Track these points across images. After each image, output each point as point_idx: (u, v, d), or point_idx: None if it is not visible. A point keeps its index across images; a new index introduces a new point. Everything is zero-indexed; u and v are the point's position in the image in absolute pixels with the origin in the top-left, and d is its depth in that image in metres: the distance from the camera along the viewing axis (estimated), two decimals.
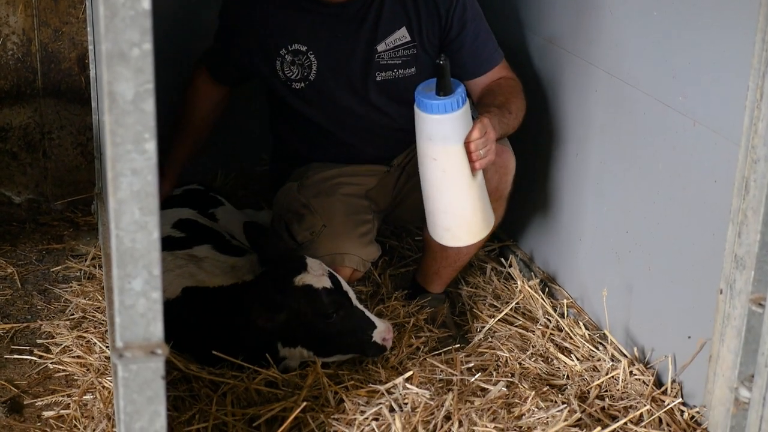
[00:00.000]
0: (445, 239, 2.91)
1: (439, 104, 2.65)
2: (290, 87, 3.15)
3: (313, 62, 3.09)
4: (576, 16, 3.11)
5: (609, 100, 2.95)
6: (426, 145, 2.73)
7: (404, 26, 3.10)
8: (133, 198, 1.61)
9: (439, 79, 2.65)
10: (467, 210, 2.82)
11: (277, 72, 3.13)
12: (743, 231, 2.23)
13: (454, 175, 2.74)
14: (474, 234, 2.88)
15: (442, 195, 2.80)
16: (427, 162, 2.76)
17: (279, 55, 3.11)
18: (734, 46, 2.34)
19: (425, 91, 2.70)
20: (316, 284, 2.77)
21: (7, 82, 3.79)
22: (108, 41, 1.54)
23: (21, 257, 3.60)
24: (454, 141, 2.70)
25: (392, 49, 3.11)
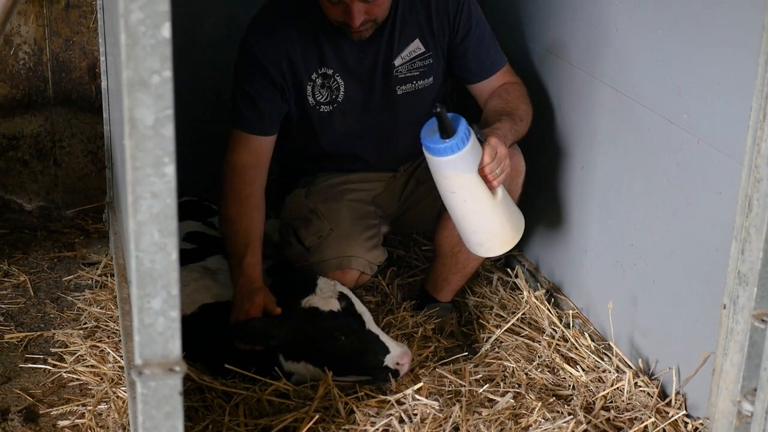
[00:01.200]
0: (480, 252, 3.03)
1: (446, 147, 2.75)
2: (318, 110, 3.13)
3: (340, 84, 3.11)
4: (582, 32, 3.14)
5: (614, 115, 2.99)
6: (442, 181, 2.85)
7: (417, 38, 3.13)
8: (152, 220, 1.65)
9: (440, 125, 2.74)
10: (495, 226, 2.93)
11: (307, 97, 3.10)
12: (746, 248, 2.26)
13: (475, 201, 2.85)
14: (507, 242, 3.00)
15: (470, 219, 2.91)
16: (447, 195, 2.87)
17: (310, 79, 3.09)
18: (739, 67, 2.38)
19: (429, 135, 2.79)
20: (322, 307, 2.79)
21: (18, 91, 3.84)
22: (129, 69, 1.58)
23: (33, 265, 3.65)
24: (467, 172, 2.80)
25: (408, 61, 3.14)
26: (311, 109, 3.13)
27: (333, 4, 2.89)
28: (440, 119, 2.72)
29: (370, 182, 3.32)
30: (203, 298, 2.97)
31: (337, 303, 2.80)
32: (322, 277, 2.89)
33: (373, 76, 3.13)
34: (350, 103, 3.14)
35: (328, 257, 3.09)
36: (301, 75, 3.07)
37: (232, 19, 3.74)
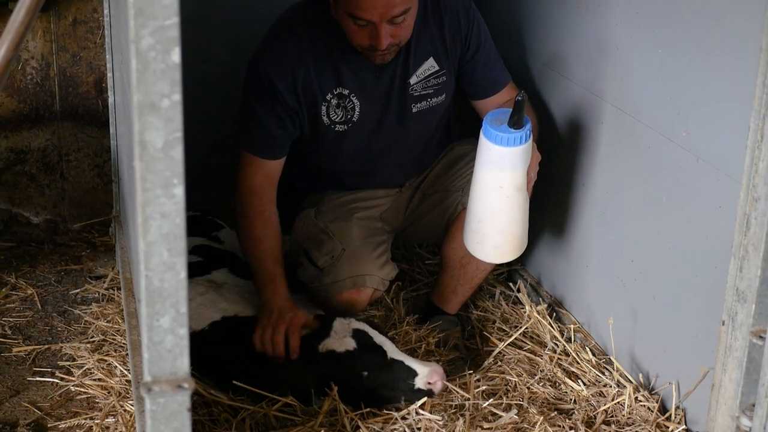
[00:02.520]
0: (492, 257, 3.07)
1: (515, 137, 2.79)
2: (333, 130, 3.13)
3: (355, 104, 3.11)
4: (583, 49, 3.18)
5: (615, 133, 3.02)
6: (494, 174, 2.86)
7: (432, 56, 3.15)
8: (162, 240, 1.69)
9: (516, 113, 2.76)
10: (519, 229, 2.99)
11: (322, 117, 3.10)
12: (744, 266, 2.29)
13: (516, 199, 2.90)
14: (520, 248, 3.05)
15: (502, 218, 2.94)
16: (493, 189, 2.89)
17: (325, 100, 3.08)
18: (737, 87, 2.41)
19: (495, 124, 2.81)
20: (338, 349, 2.81)
21: (26, 106, 3.87)
22: (139, 93, 1.62)
23: (40, 278, 3.68)
24: (521, 169, 2.86)
25: (423, 80, 3.16)
26: (325, 129, 3.14)
27: (360, 27, 2.88)
28: (519, 108, 2.74)
29: (378, 198, 3.36)
30: (210, 313, 2.99)
31: (353, 341, 2.82)
32: (338, 318, 2.91)
33: (389, 95, 3.15)
34: (365, 123, 3.16)
35: (343, 277, 3.13)
36: (316, 95, 3.07)
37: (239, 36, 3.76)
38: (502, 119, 2.82)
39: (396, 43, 2.94)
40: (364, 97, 3.12)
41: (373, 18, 2.83)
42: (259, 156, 3.07)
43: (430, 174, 3.39)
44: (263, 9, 3.45)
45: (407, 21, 2.91)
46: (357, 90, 3.10)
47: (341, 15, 2.91)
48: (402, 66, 3.12)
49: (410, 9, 2.89)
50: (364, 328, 2.87)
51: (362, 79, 3.10)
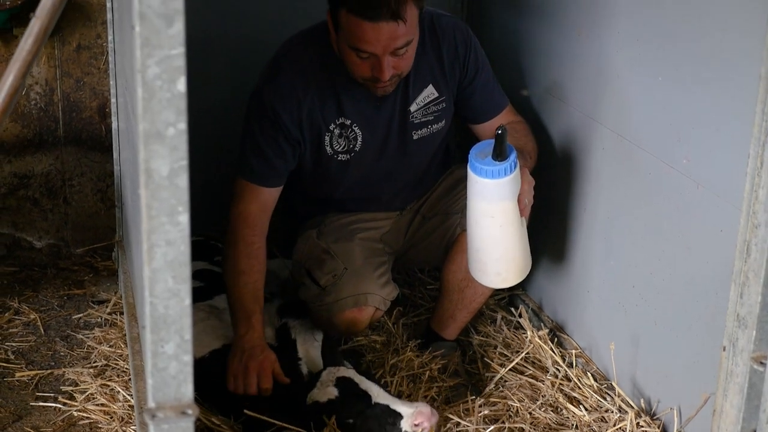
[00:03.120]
0: (495, 283, 3.08)
1: (498, 169, 2.79)
2: (336, 159, 3.15)
3: (357, 134, 3.13)
4: (584, 76, 3.20)
5: (616, 159, 3.04)
6: (483, 205, 2.88)
7: (431, 83, 3.17)
8: (166, 267, 1.70)
9: (499, 146, 2.77)
10: (518, 254, 3.00)
11: (325, 147, 3.12)
12: (745, 292, 2.30)
13: (510, 227, 2.91)
14: (522, 272, 3.07)
15: (498, 246, 2.96)
16: (485, 220, 2.90)
17: (328, 130, 3.10)
18: (737, 114, 2.43)
19: (480, 157, 2.82)
20: (321, 399, 2.80)
21: (30, 131, 3.89)
22: (145, 121, 1.63)
23: (43, 303, 3.69)
24: (511, 198, 2.86)
25: (423, 107, 3.18)
26: (328, 159, 3.16)
27: (362, 59, 2.89)
28: (501, 140, 2.75)
29: (379, 220, 3.38)
30: (211, 340, 3.00)
31: (335, 390, 2.79)
32: (328, 368, 2.89)
33: (390, 124, 3.17)
34: (367, 152, 3.18)
35: (344, 295, 3.14)
36: (320, 125, 3.09)
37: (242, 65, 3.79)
38: (486, 152, 2.83)
39: (398, 74, 2.96)
40: (366, 126, 3.14)
41: (376, 51, 2.85)
42: (256, 184, 3.07)
43: (430, 197, 3.41)
44: (265, 38, 3.46)
45: (409, 52, 2.93)
46: (359, 120, 3.12)
47: (343, 47, 2.92)
48: (402, 94, 3.14)
49: (412, 41, 2.90)
50: (350, 375, 2.84)
51: (363, 109, 3.12)
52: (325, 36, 3.06)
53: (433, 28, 3.16)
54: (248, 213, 3.06)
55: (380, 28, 2.80)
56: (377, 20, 2.79)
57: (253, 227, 3.07)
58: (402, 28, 2.82)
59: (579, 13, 3.22)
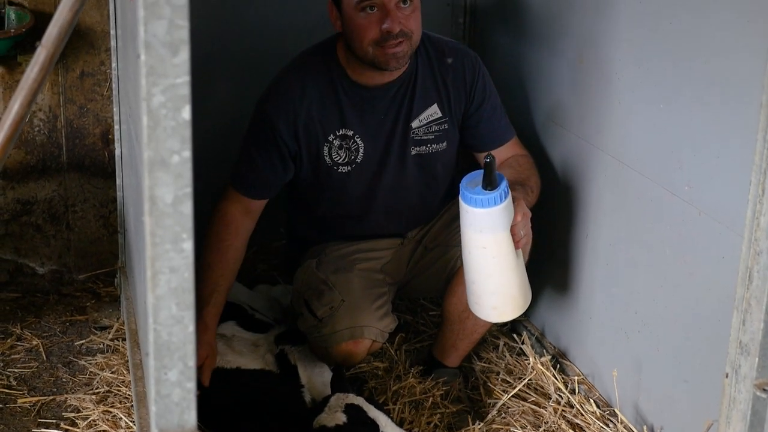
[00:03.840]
0: (491, 317, 3.04)
1: (488, 198, 2.79)
2: (336, 171, 3.19)
3: (360, 145, 3.16)
4: (585, 103, 3.22)
5: (618, 185, 3.05)
6: (475, 236, 2.86)
7: (435, 103, 3.20)
8: (170, 294, 1.71)
9: (488, 175, 2.77)
10: (514, 289, 2.96)
11: (324, 157, 3.15)
12: (747, 319, 2.30)
13: (503, 259, 2.89)
14: (520, 307, 3.03)
15: (492, 279, 2.93)
16: (477, 251, 2.89)
17: (327, 141, 3.14)
18: (738, 142, 2.44)
19: (471, 186, 2.82)
20: (329, 424, 2.79)
21: (33, 157, 3.90)
22: (150, 149, 1.64)
23: (45, 329, 3.69)
24: (502, 229, 2.84)
25: (426, 125, 3.21)
26: (328, 170, 3.18)
27: (370, 14, 2.95)
28: (490, 169, 2.76)
29: (379, 250, 3.37)
30: (220, 362, 2.99)
31: (343, 416, 2.79)
32: (337, 393, 2.89)
33: (392, 137, 3.20)
34: (368, 164, 3.20)
35: (341, 328, 3.13)
36: (318, 136, 3.13)
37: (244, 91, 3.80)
38: (477, 181, 2.83)
39: (407, 35, 2.99)
40: (368, 138, 3.17)
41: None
42: (241, 193, 3.14)
43: (432, 228, 3.41)
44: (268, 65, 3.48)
45: (415, 13, 2.99)
46: (361, 131, 3.15)
47: (349, 17, 2.99)
48: (406, 109, 3.17)
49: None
50: (359, 402, 2.84)
51: (367, 120, 3.15)
52: (328, 48, 3.13)
53: (441, 52, 3.20)
54: (227, 212, 3.13)
55: None
56: None
57: (228, 225, 3.12)
58: None
59: (580, 39, 3.24)
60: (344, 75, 3.10)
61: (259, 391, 2.97)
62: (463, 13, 4.10)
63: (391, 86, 3.15)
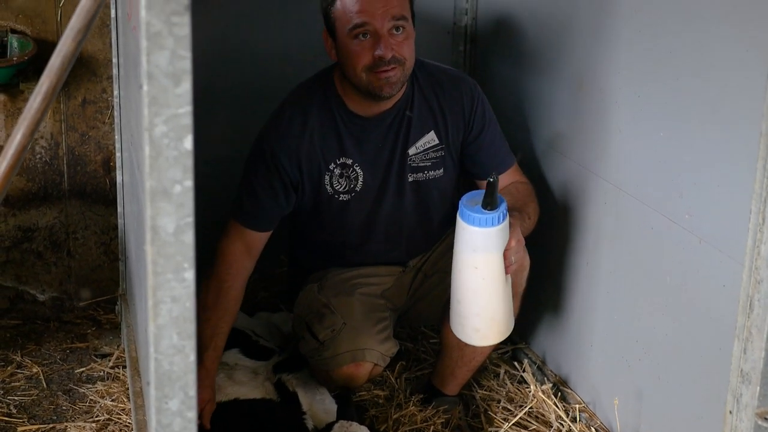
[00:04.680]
0: (473, 339, 3.00)
1: (487, 218, 2.78)
2: (337, 199, 3.20)
3: (359, 173, 3.17)
4: (586, 131, 3.23)
5: (618, 213, 3.05)
6: (468, 255, 2.85)
7: (432, 130, 3.22)
8: (171, 323, 1.71)
9: (489, 195, 2.77)
10: (499, 312, 2.93)
11: (325, 187, 3.17)
12: (748, 347, 2.30)
13: (493, 281, 2.87)
14: (502, 333, 2.99)
15: (479, 300, 2.91)
16: (467, 270, 2.87)
17: (328, 170, 3.15)
18: (738, 170, 2.45)
19: (470, 205, 2.82)
20: None
21: (35, 185, 3.91)
22: (152, 179, 1.64)
23: (46, 356, 3.69)
24: (496, 251, 2.83)
25: (422, 152, 3.21)
26: (329, 198, 3.19)
27: (362, 42, 2.98)
28: (491, 189, 2.76)
29: (380, 276, 3.38)
30: (219, 397, 2.99)
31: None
32: (341, 421, 2.88)
33: (390, 164, 3.21)
34: (367, 192, 3.22)
35: (342, 350, 3.14)
36: (320, 165, 3.14)
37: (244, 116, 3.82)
38: (477, 200, 2.84)
39: (400, 62, 3.00)
40: (367, 166, 3.18)
41: (374, 20, 2.95)
42: (242, 224, 3.13)
43: (432, 255, 3.41)
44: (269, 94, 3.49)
45: (407, 40, 3.01)
46: (360, 159, 3.17)
47: (343, 45, 3.01)
48: (403, 136, 3.19)
49: (407, 23, 3.00)
50: (362, 431, 2.84)
51: (365, 149, 3.16)
52: (326, 79, 3.15)
53: (439, 81, 3.21)
54: (229, 251, 3.12)
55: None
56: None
57: (229, 266, 3.11)
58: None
59: (580, 67, 3.26)
60: (342, 104, 3.12)
61: (259, 420, 2.96)
62: (463, 41, 4.12)
63: (387, 114, 3.16)
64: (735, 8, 2.47)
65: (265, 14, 3.96)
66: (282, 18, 3.97)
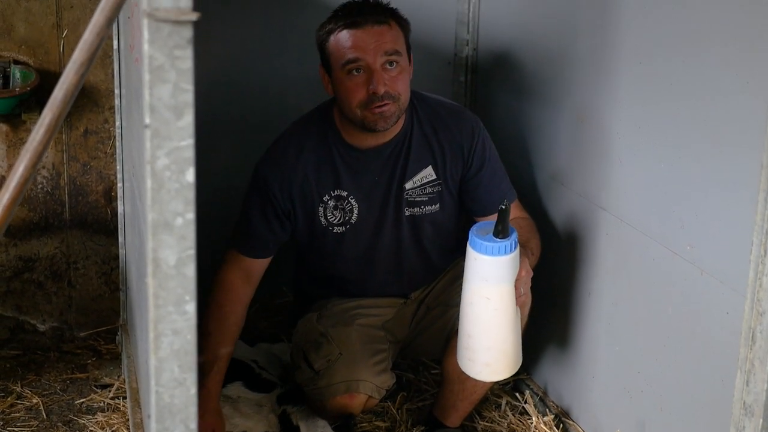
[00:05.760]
0: (483, 374, 2.97)
1: (499, 246, 2.77)
2: (331, 231, 3.21)
3: (354, 206, 3.18)
4: (587, 162, 3.23)
5: (619, 244, 3.05)
6: (480, 285, 2.84)
7: (430, 165, 3.22)
8: (173, 356, 1.70)
9: (500, 222, 2.77)
10: (509, 345, 2.91)
11: (319, 218, 3.19)
12: (751, 379, 2.30)
13: (505, 313, 2.86)
14: (511, 368, 2.97)
15: (490, 332, 2.89)
16: (479, 301, 2.85)
17: (322, 201, 3.17)
18: (740, 201, 2.45)
19: (481, 234, 2.82)
20: None
21: (36, 215, 3.91)
22: (154, 211, 1.65)
23: (46, 387, 3.67)
24: (508, 280, 2.82)
25: (419, 186, 3.22)
26: (323, 230, 3.20)
27: (356, 77, 2.99)
28: (503, 217, 2.76)
29: (382, 307, 3.37)
30: (228, 427, 2.98)
31: None
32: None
33: (387, 198, 3.21)
34: (363, 225, 3.22)
35: (337, 381, 3.13)
36: (313, 196, 3.16)
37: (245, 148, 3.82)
38: (488, 229, 2.83)
39: (394, 98, 3.01)
40: (363, 199, 3.18)
41: (366, 56, 2.96)
42: (240, 251, 3.17)
43: (434, 288, 3.41)
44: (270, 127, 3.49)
45: (402, 74, 3.02)
46: (356, 192, 3.17)
47: (338, 80, 3.03)
48: (400, 170, 3.19)
49: (401, 58, 3.01)
50: None
51: (361, 181, 3.17)
52: (325, 112, 3.18)
53: (438, 116, 3.21)
54: (227, 280, 3.16)
55: (367, 32, 2.97)
56: (364, 26, 2.98)
57: (227, 293, 3.15)
58: (389, 32, 2.99)
59: (581, 99, 3.26)
60: (339, 137, 3.13)
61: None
62: (464, 71, 4.13)
63: (385, 147, 3.17)
64: (735, 41, 2.47)
65: (266, 47, 3.98)
66: (283, 51, 3.98)
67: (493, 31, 3.98)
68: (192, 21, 1.52)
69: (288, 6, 3.96)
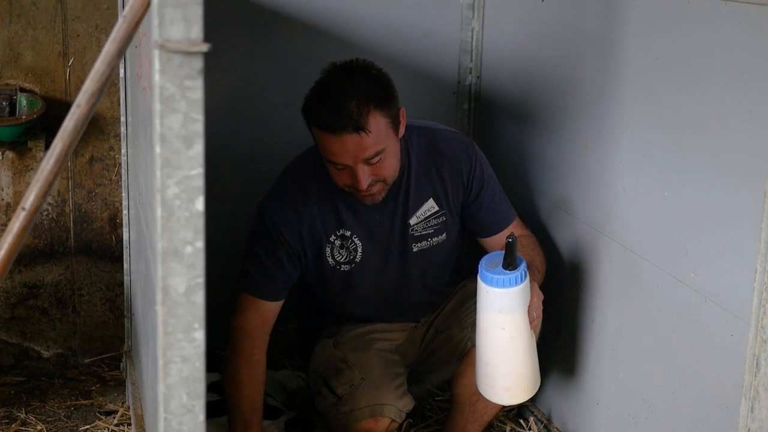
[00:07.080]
0: (504, 399, 3.03)
1: (510, 278, 2.81)
2: (339, 270, 3.21)
3: (358, 245, 3.18)
4: (590, 190, 3.25)
5: (623, 271, 3.06)
6: (494, 317, 2.88)
7: (431, 197, 3.23)
8: (181, 384, 1.71)
9: (509, 255, 2.81)
10: (528, 369, 2.97)
11: (327, 258, 3.18)
12: (755, 407, 2.30)
13: (521, 339, 2.90)
14: (531, 390, 3.03)
15: (508, 360, 2.94)
16: (495, 332, 2.90)
17: (329, 241, 3.16)
18: (743, 229, 2.46)
19: (490, 267, 2.85)
20: None
21: (41, 241, 3.93)
22: (164, 240, 1.66)
23: (50, 413, 3.68)
24: (521, 309, 2.87)
25: (423, 220, 3.22)
26: (331, 270, 3.21)
27: (339, 170, 2.96)
28: (511, 249, 2.79)
29: (394, 332, 3.40)
30: None
31: None
32: None
33: (390, 235, 3.22)
34: (368, 263, 3.22)
35: (361, 405, 3.13)
36: (321, 237, 3.15)
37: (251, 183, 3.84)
38: (496, 262, 2.86)
39: (380, 181, 3.01)
40: (366, 238, 3.19)
41: (346, 162, 2.92)
42: (256, 296, 3.10)
43: (442, 311, 3.42)
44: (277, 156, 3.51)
45: (386, 161, 2.97)
46: (358, 231, 3.18)
47: (324, 160, 3.00)
48: (402, 207, 3.19)
49: (384, 150, 2.94)
50: None
51: (363, 220, 3.17)
52: None
53: (434, 144, 3.22)
54: (248, 326, 3.09)
55: (345, 141, 2.87)
56: (340, 133, 2.86)
57: (253, 339, 3.09)
58: (367, 139, 2.88)
59: (585, 127, 3.28)
60: None
61: None
62: (467, 100, 4.15)
63: None
64: (739, 69, 2.49)
65: (274, 77, 3.99)
66: (290, 81, 4.00)
67: (497, 60, 4.01)
68: (203, 52, 1.54)
69: (295, 38, 3.98)
